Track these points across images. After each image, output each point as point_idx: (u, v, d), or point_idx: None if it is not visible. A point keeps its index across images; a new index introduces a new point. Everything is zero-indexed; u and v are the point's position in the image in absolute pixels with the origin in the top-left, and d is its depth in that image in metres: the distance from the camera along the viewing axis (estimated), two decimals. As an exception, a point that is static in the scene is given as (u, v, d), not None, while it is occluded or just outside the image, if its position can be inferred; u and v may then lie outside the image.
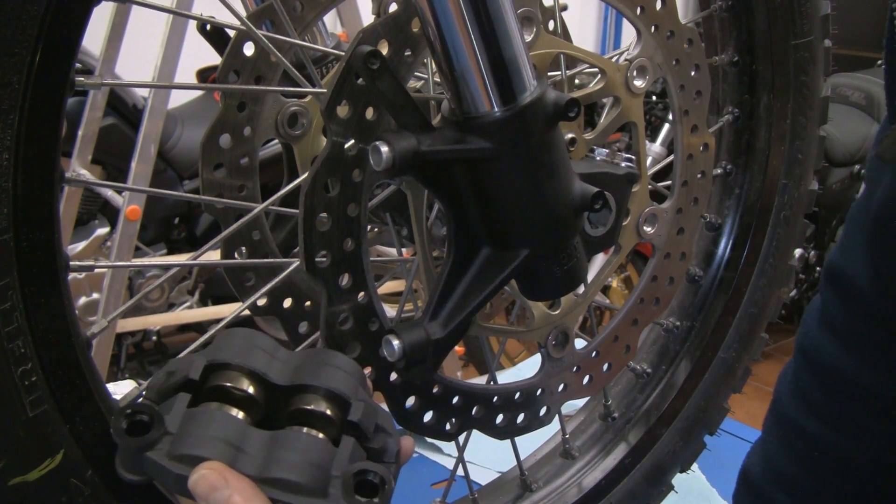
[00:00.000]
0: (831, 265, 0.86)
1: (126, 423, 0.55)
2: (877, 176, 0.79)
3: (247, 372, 0.59)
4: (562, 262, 0.75)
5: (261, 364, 0.60)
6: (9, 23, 0.52)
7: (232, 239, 0.93)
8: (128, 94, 2.88)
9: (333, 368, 0.62)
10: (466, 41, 0.64)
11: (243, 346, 0.61)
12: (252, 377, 0.59)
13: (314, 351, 0.64)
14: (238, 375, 0.59)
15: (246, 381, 0.59)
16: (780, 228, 1.17)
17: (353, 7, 2.22)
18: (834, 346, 0.84)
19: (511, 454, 0.99)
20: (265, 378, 0.60)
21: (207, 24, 0.92)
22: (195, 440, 0.55)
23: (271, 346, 0.62)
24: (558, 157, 0.71)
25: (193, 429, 0.56)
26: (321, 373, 0.61)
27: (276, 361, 0.61)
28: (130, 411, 0.56)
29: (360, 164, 0.69)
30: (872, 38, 4.81)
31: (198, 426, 0.56)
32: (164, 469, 0.54)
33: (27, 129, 0.54)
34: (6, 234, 0.55)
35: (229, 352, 0.60)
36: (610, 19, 5.57)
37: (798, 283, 3.60)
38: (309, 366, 0.62)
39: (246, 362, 0.59)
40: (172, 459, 0.54)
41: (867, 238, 0.80)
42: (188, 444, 0.55)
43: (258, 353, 0.60)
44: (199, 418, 0.56)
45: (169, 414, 0.56)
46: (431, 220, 0.84)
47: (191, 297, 3.13)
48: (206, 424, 0.56)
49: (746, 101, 1.14)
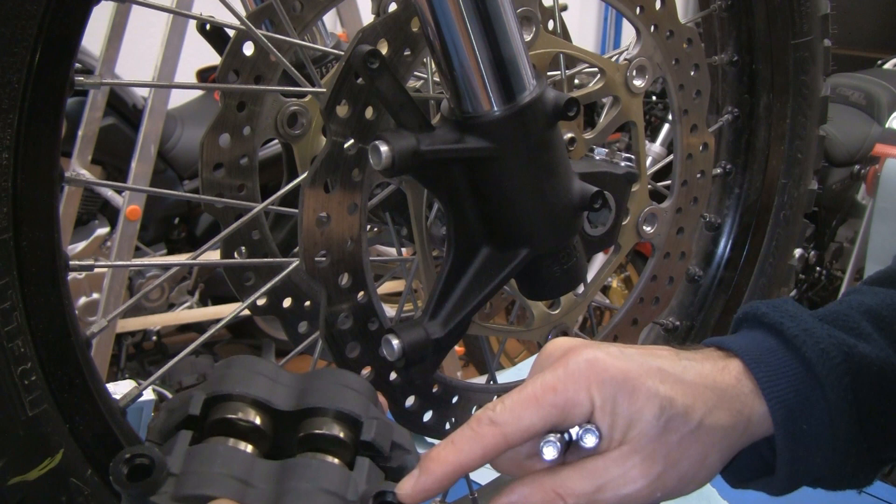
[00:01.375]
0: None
1: (126, 469, 0.52)
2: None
3: (249, 401, 0.56)
4: (561, 261, 0.75)
5: (263, 391, 0.57)
6: (8, 22, 0.52)
7: (232, 239, 0.93)
8: (128, 94, 2.88)
9: (341, 387, 0.59)
10: (466, 41, 0.64)
11: (243, 374, 0.58)
12: (256, 406, 0.56)
13: (319, 371, 0.61)
14: (241, 406, 0.56)
15: (250, 411, 0.56)
16: (780, 228, 1.17)
17: (352, 7, 2.22)
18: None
19: (511, 454, 0.99)
20: (269, 405, 0.57)
21: (207, 23, 0.92)
22: (200, 479, 0.52)
23: (273, 370, 0.59)
24: (558, 157, 0.71)
25: (197, 467, 0.52)
26: (328, 393, 0.58)
27: (280, 386, 0.58)
28: (129, 456, 0.52)
29: (359, 163, 0.69)
30: (872, 38, 4.82)
31: (201, 464, 0.53)
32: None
33: (27, 129, 0.54)
34: (6, 233, 0.55)
35: (229, 382, 0.57)
36: (610, 19, 5.57)
37: (798, 282, 3.60)
38: (315, 387, 0.59)
39: (247, 391, 0.56)
40: (178, 501, 0.51)
41: None
42: (193, 483, 0.52)
43: (259, 380, 0.58)
44: (202, 455, 0.53)
45: (171, 454, 0.53)
46: (431, 219, 0.84)
47: (191, 297, 3.13)
48: (209, 461, 0.53)
49: (746, 101, 1.15)
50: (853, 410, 0.62)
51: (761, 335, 0.65)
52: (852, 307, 0.68)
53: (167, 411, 0.57)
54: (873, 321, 0.66)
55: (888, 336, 0.65)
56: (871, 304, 0.68)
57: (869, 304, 0.68)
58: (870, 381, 0.63)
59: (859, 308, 0.67)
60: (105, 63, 2.29)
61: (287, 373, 0.60)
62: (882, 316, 0.67)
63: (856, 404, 0.62)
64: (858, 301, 0.68)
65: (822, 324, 0.65)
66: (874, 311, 0.67)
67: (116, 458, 0.52)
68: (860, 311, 0.67)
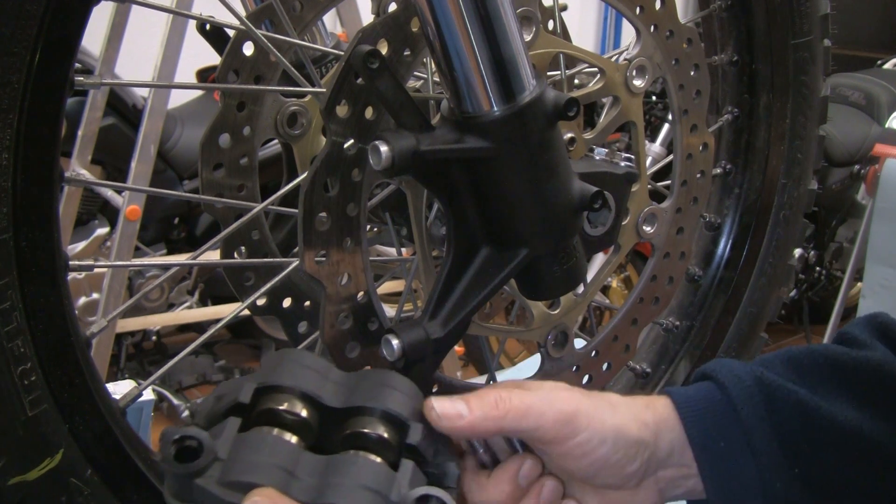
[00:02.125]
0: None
1: (174, 450, 0.53)
2: None
3: (299, 394, 0.57)
4: (561, 261, 0.75)
5: (313, 386, 0.57)
6: (8, 22, 0.52)
7: (231, 239, 0.93)
8: (128, 94, 2.88)
9: (390, 389, 0.59)
10: (466, 41, 0.64)
11: (294, 367, 0.58)
12: (305, 400, 0.57)
13: (370, 371, 0.62)
14: (290, 398, 0.57)
15: (298, 404, 0.57)
16: (780, 228, 1.17)
17: (352, 7, 2.22)
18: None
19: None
20: (318, 400, 0.57)
21: (207, 23, 0.92)
22: (246, 466, 0.52)
23: (324, 366, 0.60)
24: (557, 157, 0.71)
25: (244, 454, 0.53)
26: (377, 394, 0.58)
27: (329, 383, 0.59)
28: (179, 437, 0.53)
29: (359, 163, 0.69)
30: (872, 38, 4.82)
31: (249, 451, 0.53)
32: (214, 496, 0.52)
33: (27, 129, 0.54)
34: (6, 233, 0.55)
35: (280, 374, 0.57)
36: (610, 19, 5.57)
37: (797, 283, 3.60)
38: (364, 387, 0.59)
39: (298, 384, 0.57)
40: (223, 486, 0.52)
41: None
42: (239, 470, 0.52)
43: (310, 375, 0.58)
44: (250, 443, 0.54)
45: (219, 439, 0.54)
46: (431, 219, 0.84)
47: (191, 297, 3.13)
48: (257, 449, 0.54)
49: (746, 101, 1.15)
50: (771, 430, 0.68)
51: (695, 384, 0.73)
52: (777, 356, 0.75)
53: (216, 397, 0.57)
54: (791, 364, 0.73)
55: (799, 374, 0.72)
56: (795, 352, 0.75)
57: (792, 353, 0.75)
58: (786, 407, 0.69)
59: (782, 357, 0.74)
60: (105, 63, 2.29)
61: (337, 370, 0.60)
62: (800, 361, 0.73)
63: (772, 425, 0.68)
64: (787, 352, 0.75)
65: (741, 362, 0.73)
66: (794, 357, 0.74)
67: (165, 437, 0.53)
68: (781, 359, 0.74)
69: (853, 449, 0.69)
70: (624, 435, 0.65)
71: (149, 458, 0.68)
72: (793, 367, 0.73)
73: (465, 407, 0.60)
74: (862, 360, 0.73)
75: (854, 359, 0.73)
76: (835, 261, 3.76)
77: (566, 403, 0.63)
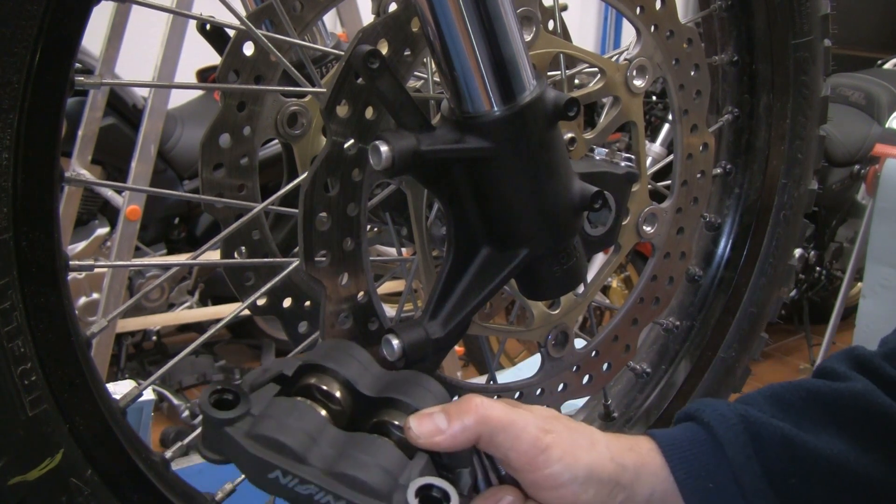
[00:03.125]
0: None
1: (213, 399, 0.57)
2: None
3: (338, 377, 0.62)
4: (561, 261, 0.75)
5: (352, 373, 0.62)
6: (8, 22, 0.52)
7: (232, 239, 0.93)
8: (128, 94, 2.88)
9: (423, 389, 0.63)
10: (466, 41, 0.64)
11: (339, 354, 0.63)
12: (342, 382, 0.61)
13: (408, 372, 0.66)
14: (329, 378, 0.61)
15: (335, 385, 0.61)
16: (780, 228, 1.17)
17: (352, 7, 2.22)
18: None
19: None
20: (353, 386, 0.62)
21: (207, 23, 0.92)
22: (275, 424, 0.56)
23: (367, 359, 0.64)
24: (558, 157, 0.71)
25: (275, 414, 0.57)
26: (410, 391, 0.63)
27: (369, 374, 0.63)
28: (220, 388, 0.58)
29: (359, 163, 0.69)
30: (872, 38, 4.82)
31: (280, 412, 0.58)
32: (240, 447, 0.56)
33: (27, 129, 0.54)
34: (6, 233, 0.55)
35: (325, 356, 0.62)
36: (610, 19, 5.57)
37: (798, 283, 3.60)
38: (399, 383, 0.63)
39: (338, 368, 0.62)
40: (249, 438, 0.56)
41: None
42: (267, 426, 0.56)
43: (352, 363, 0.63)
44: (282, 406, 0.58)
45: (256, 399, 0.58)
46: (431, 219, 0.84)
47: (191, 297, 3.13)
48: (288, 413, 0.58)
49: (746, 101, 1.15)
50: (759, 468, 0.68)
51: (679, 426, 0.73)
52: (760, 393, 0.75)
53: (263, 369, 0.62)
54: (774, 400, 0.73)
55: (783, 409, 0.72)
56: (777, 388, 0.75)
57: (774, 389, 0.75)
58: (773, 444, 0.69)
59: (764, 393, 0.75)
60: (105, 63, 2.29)
61: (379, 367, 0.65)
62: (782, 396, 0.74)
63: (760, 462, 0.68)
64: (769, 388, 0.75)
65: (724, 401, 0.73)
66: (777, 393, 0.74)
67: (209, 387, 0.58)
68: (764, 395, 0.74)
69: (841, 482, 0.69)
70: (596, 474, 0.64)
71: (149, 458, 0.68)
72: (776, 403, 0.73)
73: (444, 420, 0.61)
74: (844, 392, 0.73)
75: (836, 391, 0.73)
76: (835, 261, 3.76)
77: (544, 432, 0.63)
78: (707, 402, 0.73)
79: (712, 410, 0.70)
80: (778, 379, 0.89)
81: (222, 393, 0.58)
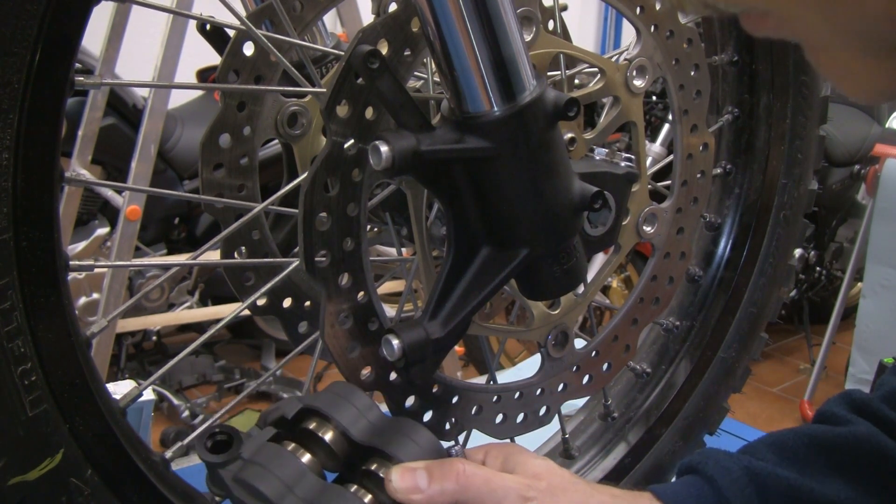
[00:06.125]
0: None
1: (210, 442, 0.61)
2: None
3: (332, 422, 0.64)
4: (561, 261, 0.75)
5: (347, 419, 0.64)
6: (8, 22, 0.52)
7: (232, 239, 0.93)
8: (128, 94, 2.88)
9: (410, 441, 0.65)
10: (466, 41, 0.64)
11: (338, 399, 0.65)
12: (336, 428, 0.64)
13: (403, 420, 0.68)
14: (324, 424, 0.64)
15: (329, 431, 0.64)
16: (780, 228, 1.17)
17: (352, 7, 2.22)
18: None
19: (511, 454, 0.99)
20: (347, 433, 0.64)
21: (207, 23, 0.92)
22: (258, 471, 0.60)
23: (366, 405, 0.66)
24: (558, 157, 0.71)
25: (260, 459, 0.61)
26: (395, 441, 0.64)
27: (364, 420, 0.65)
28: (217, 430, 0.61)
29: (359, 163, 0.69)
30: (872, 38, 4.78)
31: (265, 459, 0.61)
32: (228, 489, 0.59)
33: (27, 129, 0.54)
34: (6, 233, 0.55)
35: (325, 401, 0.65)
36: (610, 19, 5.57)
37: (798, 283, 3.60)
38: (389, 432, 0.65)
39: (334, 414, 0.64)
40: (235, 482, 0.59)
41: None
42: (250, 472, 0.60)
43: (349, 409, 0.65)
44: (268, 452, 0.61)
45: (251, 442, 0.62)
46: (431, 219, 0.84)
47: (191, 297, 3.14)
48: (270, 459, 0.61)
49: (746, 101, 1.15)
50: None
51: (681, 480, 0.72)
52: (762, 442, 0.75)
53: (276, 407, 0.65)
54: (776, 448, 0.73)
55: (786, 458, 0.72)
56: (778, 436, 0.74)
57: (776, 437, 0.74)
58: (778, 495, 0.68)
59: (766, 442, 0.74)
60: (105, 63, 2.29)
61: (379, 413, 0.67)
62: (784, 444, 0.73)
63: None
64: (770, 437, 0.75)
65: (727, 452, 0.72)
66: (779, 441, 0.74)
67: (206, 430, 0.62)
68: (766, 444, 0.74)
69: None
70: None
71: (149, 458, 0.68)
72: (779, 452, 0.72)
73: (425, 480, 0.61)
74: (848, 437, 0.72)
75: (839, 436, 0.72)
76: (835, 261, 3.76)
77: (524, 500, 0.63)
78: (709, 453, 0.72)
79: (714, 463, 0.69)
80: (778, 379, 0.89)
81: (217, 435, 0.61)
